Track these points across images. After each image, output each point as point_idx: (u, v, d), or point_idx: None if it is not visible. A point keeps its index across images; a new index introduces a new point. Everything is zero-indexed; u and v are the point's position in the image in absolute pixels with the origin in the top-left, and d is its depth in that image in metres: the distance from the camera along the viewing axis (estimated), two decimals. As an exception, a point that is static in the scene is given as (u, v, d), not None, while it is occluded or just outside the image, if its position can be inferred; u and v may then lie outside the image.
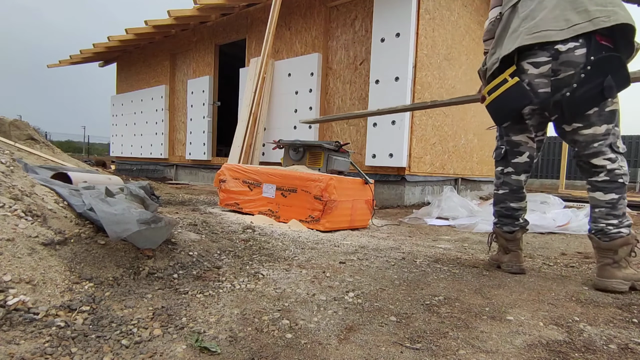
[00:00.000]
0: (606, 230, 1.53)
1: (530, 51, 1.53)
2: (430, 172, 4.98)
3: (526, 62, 1.54)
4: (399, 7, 4.30)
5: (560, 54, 1.47)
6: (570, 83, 1.46)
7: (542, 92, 1.53)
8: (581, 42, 1.44)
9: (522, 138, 1.71)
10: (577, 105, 1.46)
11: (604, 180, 1.54)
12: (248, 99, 5.48)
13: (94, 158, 14.05)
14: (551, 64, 1.49)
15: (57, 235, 1.30)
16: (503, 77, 1.57)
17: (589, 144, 1.53)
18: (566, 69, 1.47)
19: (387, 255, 2.06)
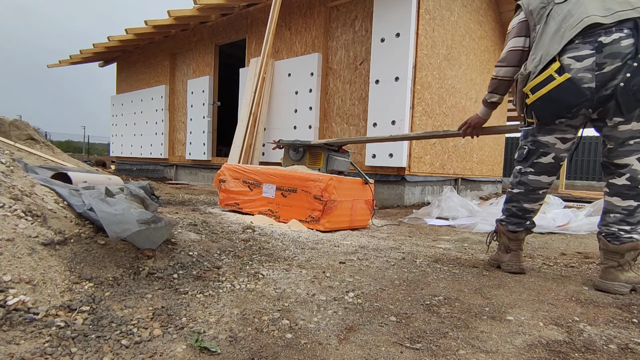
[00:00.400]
0: (618, 235, 1.51)
1: (572, 44, 1.45)
2: (430, 172, 4.98)
3: (567, 56, 1.46)
4: (399, 7, 4.30)
5: (604, 47, 1.39)
6: (617, 75, 1.39)
7: (586, 87, 1.43)
8: (627, 32, 1.37)
9: (550, 139, 1.63)
10: (634, 95, 1.37)
11: (624, 184, 1.49)
12: (248, 99, 5.48)
13: (94, 158, 14.05)
14: (595, 57, 1.41)
15: (57, 235, 1.30)
16: (548, 73, 1.48)
17: (626, 140, 1.47)
18: (612, 61, 1.39)
19: (387, 255, 2.06)
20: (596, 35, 1.41)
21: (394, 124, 4.33)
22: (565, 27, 1.47)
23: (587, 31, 1.43)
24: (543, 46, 1.53)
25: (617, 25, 1.39)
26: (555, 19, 1.52)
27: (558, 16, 1.51)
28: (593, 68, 1.41)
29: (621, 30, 1.38)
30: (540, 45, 1.54)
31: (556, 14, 1.52)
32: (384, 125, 4.41)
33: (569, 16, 1.48)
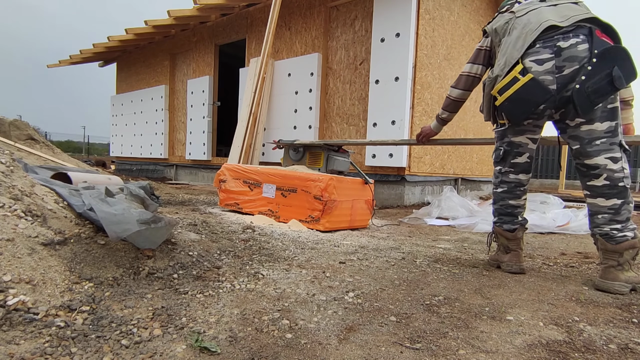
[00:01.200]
0: (612, 235, 1.53)
1: (533, 48, 1.55)
2: (430, 172, 4.98)
3: (529, 60, 1.54)
4: (399, 7, 4.30)
5: (562, 51, 1.49)
6: (575, 77, 1.46)
7: (550, 88, 1.51)
8: (582, 38, 1.47)
9: (522, 139, 1.72)
10: (588, 97, 1.45)
11: (604, 185, 1.53)
12: (248, 99, 5.48)
13: (94, 158, 14.05)
14: (554, 60, 1.50)
15: (57, 235, 1.30)
16: (513, 75, 1.56)
17: (592, 141, 1.53)
18: (571, 64, 1.47)
19: (387, 255, 2.06)
20: (555, 40, 1.51)
21: (394, 124, 4.33)
22: (525, 32, 1.58)
23: (546, 36, 1.53)
24: (507, 51, 1.62)
25: (574, 31, 1.50)
26: (517, 29, 1.63)
27: (519, 26, 1.62)
28: (553, 71, 1.50)
29: (577, 36, 1.48)
30: (505, 51, 1.63)
31: (518, 25, 1.63)
32: (384, 125, 4.41)
33: (528, 23, 1.59)
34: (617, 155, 1.52)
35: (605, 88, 1.44)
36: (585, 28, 1.50)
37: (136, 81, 8.99)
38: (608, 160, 1.52)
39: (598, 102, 1.47)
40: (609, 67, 1.43)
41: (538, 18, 1.58)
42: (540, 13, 1.59)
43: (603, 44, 1.45)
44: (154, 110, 8.21)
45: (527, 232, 3.08)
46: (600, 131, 1.52)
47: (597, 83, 1.44)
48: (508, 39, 1.65)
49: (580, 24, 1.51)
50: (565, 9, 1.57)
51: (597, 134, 1.53)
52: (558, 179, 12.03)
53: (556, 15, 1.55)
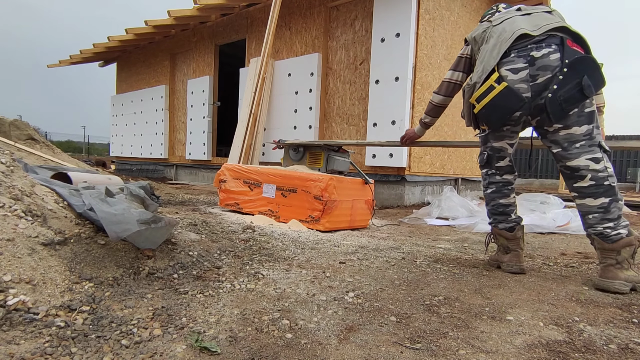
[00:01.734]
0: (605, 233, 1.55)
1: (507, 57, 1.61)
2: (430, 172, 4.98)
3: (504, 68, 1.60)
4: (399, 7, 4.30)
5: (535, 60, 1.54)
6: (549, 86, 1.53)
7: (524, 96, 1.57)
8: (554, 47, 1.53)
9: (502, 144, 1.79)
10: (560, 105, 1.52)
11: (590, 185, 1.56)
12: (248, 99, 5.48)
13: (94, 158, 14.05)
14: (528, 69, 1.55)
15: (57, 235, 1.30)
16: (489, 84, 1.62)
17: (571, 144, 1.58)
18: (544, 73, 1.53)
19: (387, 255, 2.06)
20: (528, 49, 1.57)
21: (394, 124, 4.33)
22: (500, 40, 1.64)
23: (520, 45, 1.59)
24: (485, 59, 1.68)
25: (546, 41, 1.55)
26: (493, 37, 1.69)
27: (495, 34, 1.69)
28: (528, 79, 1.56)
29: (549, 46, 1.54)
30: (483, 59, 1.70)
31: (494, 33, 1.70)
32: (384, 125, 4.41)
33: (503, 32, 1.65)
34: (598, 156, 1.55)
35: (575, 96, 1.50)
36: (557, 37, 1.55)
37: (136, 81, 8.99)
38: (590, 161, 1.55)
39: (569, 110, 1.53)
40: (579, 77, 1.49)
41: (512, 27, 1.64)
42: (514, 22, 1.65)
43: (574, 54, 1.51)
44: (154, 110, 8.21)
45: (527, 232, 3.09)
46: (579, 134, 1.57)
47: (569, 92, 1.50)
48: (486, 47, 1.71)
49: (552, 34, 1.56)
50: (537, 18, 1.63)
51: (576, 137, 1.57)
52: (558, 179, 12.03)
53: (529, 24, 1.61)
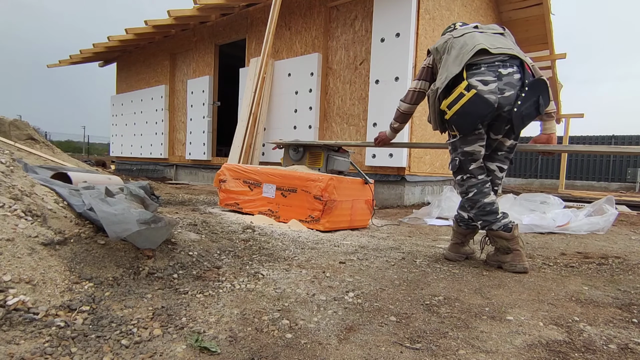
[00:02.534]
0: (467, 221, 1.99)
1: (479, 69, 1.75)
2: (430, 172, 4.97)
3: (475, 79, 1.74)
4: (399, 7, 4.30)
5: (502, 76, 1.72)
6: (511, 101, 1.71)
7: (492, 103, 1.72)
8: (516, 69, 1.74)
9: (474, 147, 1.87)
10: (522, 119, 1.74)
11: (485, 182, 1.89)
12: (248, 99, 5.48)
13: (94, 158, 14.05)
14: (497, 83, 1.72)
15: (57, 235, 1.30)
16: (459, 91, 1.75)
17: (497, 151, 1.90)
18: (510, 89, 1.72)
19: (387, 255, 2.06)
20: (496, 66, 1.74)
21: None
22: (463, 52, 1.79)
23: (487, 61, 1.75)
24: (447, 68, 1.82)
25: (509, 61, 1.75)
26: (455, 48, 1.84)
27: (457, 46, 1.84)
28: (496, 92, 1.72)
29: (512, 66, 1.74)
30: (446, 68, 1.84)
31: (456, 45, 1.85)
32: (384, 125, 4.40)
33: (465, 45, 1.81)
34: (504, 167, 1.93)
35: (533, 113, 1.75)
36: (518, 60, 1.76)
37: (136, 81, 8.99)
38: (497, 168, 1.92)
39: (527, 124, 1.78)
40: (536, 96, 1.73)
41: (473, 41, 1.80)
42: (474, 37, 1.83)
43: (530, 76, 1.74)
44: (154, 110, 8.21)
45: (527, 232, 3.09)
46: (506, 146, 1.89)
47: (528, 108, 1.73)
48: (448, 57, 1.85)
49: (512, 55, 1.76)
50: (494, 39, 1.83)
51: (503, 147, 1.89)
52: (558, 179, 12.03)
53: (487, 42, 1.79)
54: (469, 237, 2.00)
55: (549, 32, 7.16)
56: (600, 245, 2.64)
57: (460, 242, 2.00)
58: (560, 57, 7.68)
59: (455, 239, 2.04)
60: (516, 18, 7.08)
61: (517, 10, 6.91)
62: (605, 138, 14.51)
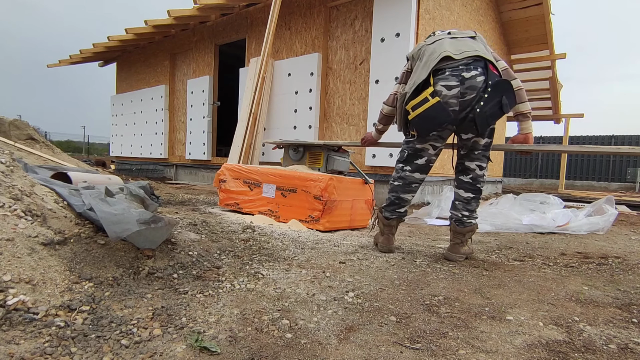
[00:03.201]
0: (462, 220, 2.03)
1: (443, 75, 1.84)
2: (430, 172, 4.97)
3: (440, 84, 1.84)
4: (399, 7, 4.30)
5: (465, 80, 1.80)
6: (472, 103, 1.79)
7: (452, 110, 1.83)
8: (480, 70, 1.80)
9: (425, 146, 2.04)
10: (487, 119, 1.81)
11: (468, 181, 2.01)
12: (248, 99, 5.48)
13: (93, 158, 14.05)
14: (459, 87, 1.80)
15: (57, 235, 1.30)
16: (424, 96, 1.84)
17: (473, 150, 1.98)
18: (470, 92, 1.79)
19: (387, 255, 2.06)
20: (460, 70, 1.81)
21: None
22: (430, 59, 1.90)
23: (452, 66, 1.84)
24: (416, 74, 1.94)
25: (473, 64, 1.81)
26: (425, 55, 1.95)
27: (427, 53, 1.95)
28: (458, 96, 1.81)
29: (476, 69, 1.80)
30: (415, 74, 1.96)
31: (426, 52, 1.96)
32: (384, 125, 4.41)
33: (433, 52, 1.91)
34: (483, 164, 2.00)
35: (497, 112, 1.81)
36: (482, 61, 1.82)
37: (136, 81, 8.99)
38: (477, 166, 2.00)
39: (492, 123, 1.86)
40: (500, 96, 1.78)
41: (440, 48, 1.90)
42: (442, 45, 1.92)
43: (494, 77, 1.80)
44: (154, 110, 8.21)
45: (527, 232, 3.09)
46: (481, 145, 1.96)
47: (492, 108, 1.79)
48: (419, 63, 1.97)
49: (477, 58, 1.83)
50: (461, 44, 1.90)
51: (478, 147, 1.97)
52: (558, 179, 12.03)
53: (453, 48, 1.88)
54: (467, 236, 2.04)
55: (549, 32, 7.16)
56: (600, 245, 2.64)
57: (460, 242, 2.03)
58: (560, 57, 7.68)
59: (455, 239, 2.06)
60: (516, 18, 7.08)
61: (517, 10, 6.91)
62: (605, 138, 14.52)
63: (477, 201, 2.02)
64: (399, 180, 2.13)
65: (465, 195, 2.02)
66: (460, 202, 2.04)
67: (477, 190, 2.02)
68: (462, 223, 2.02)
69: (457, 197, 2.05)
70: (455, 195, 2.07)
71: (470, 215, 2.02)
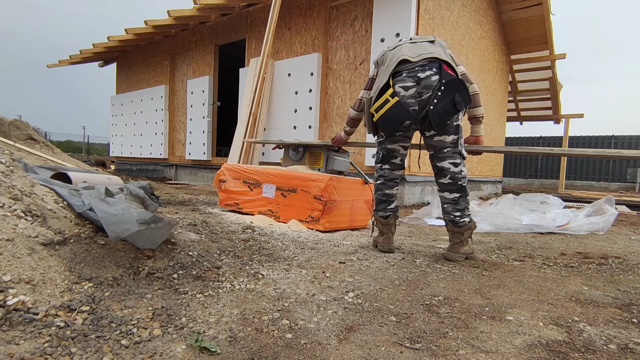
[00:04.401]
0: (455, 220, 2.03)
1: (401, 77, 1.95)
2: (430, 172, 4.94)
3: (398, 86, 1.94)
4: (399, 7, 4.31)
5: (421, 80, 1.90)
6: (429, 101, 1.88)
7: (412, 109, 1.92)
8: (434, 70, 1.90)
9: (395, 146, 2.15)
10: (440, 116, 1.88)
11: (448, 182, 2.03)
12: (248, 99, 5.48)
13: (93, 158, 14.05)
14: (416, 87, 1.91)
15: (56, 235, 1.30)
16: (385, 98, 1.95)
17: (441, 149, 2.01)
18: (426, 91, 1.89)
19: (387, 255, 2.06)
20: (416, 71, 1.92)
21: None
22: (390, 64, 2.02)
23: (409, 68, 1.95)
24: (379, 78, 2.06)
25: (428, 65, 1.92)
26: (387, 60, 2.07)
27: (388, 58, 2.07)
28: (415, 95, 1.92)
29: (431, 69, 1.90)
30: (379, 78, 2.07)
31: (388, 57, 2.08)
32: (383, 125, 4.41)
33: (393, 57, 2.03)
34: (457, 161, 2.01)
35: (450, 110, 1.88)
36: (437, 62, 1.92)
37: (136, 81, 8.99)
38: (451, 164, 2.00)
39: (446, 120, 1.91)
40: (453, 94, 1.87)
41: (399, 53, 2.01)
42: (402, 49, 2.04)
43: (448, 76, 1.88)
44: (153, 110, 8.21)
45: (527, 232, 3.09)
46: (448, 142, 1.99)
47: (445, 106, 1.87)
48: (382, 68, 2.08)
49: (432, 59, 1.93)
50: (419, 48, 2.01)
51: (444, 144, 2.00)
52: (558, 179, 12.04)
53: (411, 52, 1.99)
54: (465, 235, 2.03)
55: (548, 32, 7.16)
56: (600, 246, 2.64)
57: (460, 242, 2.04)
58: (560, 57, 7.68)
59: (454, 239, 2.07)
60: (516, 18, 7.09)
61: (517, 10, 6.91)
62: (605, 138, 14.52)
63: (464, 199, 2.02)
64: (380, 179, 2.23)
65: (451, 197, 2.03)
66: (448, 204, 2.05)
67: (460, 188, 2.01)
68: (457, 224, 2.01)
69: (444, 200, 2.07)
70: (442, 199, 2.08)
71: (462, 214, 2.01)
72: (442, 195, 2.07)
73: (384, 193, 2.23)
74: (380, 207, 2.24)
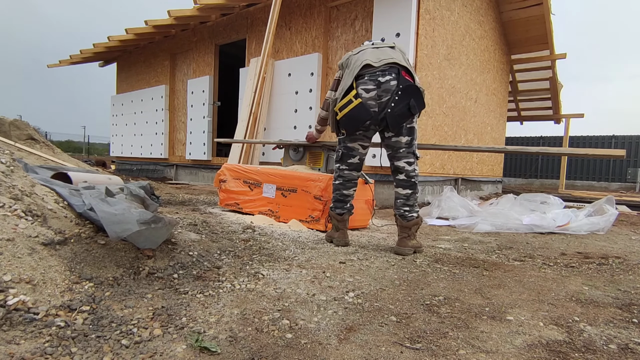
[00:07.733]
0: (405, 215, 2.16)
1: (363, 80, 2.09)
2: (430, 172, 4.97)
3: (360, 88, 2.08)
4: (399, 7, 4.30)
5: (381, 84, 2.04)
6: (387, 104, 2.02)
7: (372, 110, 2.06)
8: (393, 75, 2.04)
9: (355, 145, 2.25)
10: (396, 119, 2.03)
11: (403, 179, 2.17)
12: (248, 99, 5.47)
13: (94, 158, 14.05)
14: (376, 90, 2.05)
15: (57, 235, 1.30)
16: (349, 99, 2.09)
17: (398, 149, 2.14)
18: (385, 95, 2.04)
19: (387, 255, 2.06)
20: (377, 75, 2.06)
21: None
22: (354, 67, 2.15)
23: (371, 72, 2.08)
24: (344, 81, 2.19)
25: (388, 71, 2.06)
26: (351, 64, 2.20)
27: (352, 62, 2.20)
28: (376, 98, 2.06)
29: (390, 74, 2.05)
30: (343, 81, 2.20)
31: (352, 61, 2.21)
32: (384, 125, 4.41)
33: (357, 61, 2.16)
34: (411, 160, 2.15)
35: (405, 113, 2.03)
36: (396, 68, 2.06)
37: (136, 81, 8.99)
38: (406, 163, 2.15)
39: (402, 123, 2.06)
40: (408, 99, 2.02)
41: (362, 57, 2.15)
42: (365, 54, 2.17)
43: (406, 82, 2.04)
44: (154, 110, 8.21)
45: (527, 232, 3.09)
46: (403, 143, 2.12)
47: (401, 109, 2.02)
48: (347, 71, 2.20)
49: (392, 65, 2.07)
50: (381, 53, 2.14)
51: (400, 145, 2.13)
52: (558, 179, 12.04)
53: (373, 57, 2.12)
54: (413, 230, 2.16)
55: (549, 32, 7.15)
56: (601, 245, 2.64)
57: (407, 236, 2.14)
58: (560, 57, 7.67)
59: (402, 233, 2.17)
60: (516, 18, 7.08)
61: (517, 10, 6.90)
62: (605, 138, 14.51)
63: (414, 196, 2.17)
64: (339, 179, 2.32)
65: (404, 192, 2.17)
66: (400, 199, 2.19)
67: (412, 185, 2.16)
68: (405, 218, 2.15)
69: (397, 195, 2.20)
70: (396, 193, 2.21)
71: (411, 209, 2.16)
72: (397, 190, 2.20)
73: (342, 193, 2.32)
74: (337, 205, 2.33)
